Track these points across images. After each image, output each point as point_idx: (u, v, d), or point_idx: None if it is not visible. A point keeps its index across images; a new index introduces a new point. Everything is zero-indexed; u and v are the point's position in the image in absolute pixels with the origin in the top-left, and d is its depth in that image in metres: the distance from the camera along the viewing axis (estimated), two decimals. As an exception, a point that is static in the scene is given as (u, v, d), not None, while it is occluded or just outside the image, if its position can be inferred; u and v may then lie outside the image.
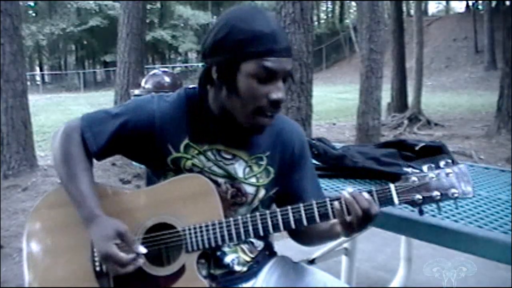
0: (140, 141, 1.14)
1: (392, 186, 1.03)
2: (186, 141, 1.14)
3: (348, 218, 1.01)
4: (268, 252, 1.27)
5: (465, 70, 19.63)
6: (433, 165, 1.04)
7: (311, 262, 2.20)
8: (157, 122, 1.13)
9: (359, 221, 1.01)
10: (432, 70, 19.55)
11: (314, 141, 1.78)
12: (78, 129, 1.15)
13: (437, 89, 16.76)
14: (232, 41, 1.03)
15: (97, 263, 1.11)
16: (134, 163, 1.50)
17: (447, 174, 1.03)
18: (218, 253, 1.15)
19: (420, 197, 1.02)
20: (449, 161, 1.05)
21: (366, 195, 1.01)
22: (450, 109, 12.07)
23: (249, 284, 1.20)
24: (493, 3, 19.41)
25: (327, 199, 1.05)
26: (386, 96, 9.09)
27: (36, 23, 27.80)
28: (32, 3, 29.47)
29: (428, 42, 19.98)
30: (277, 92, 1.04)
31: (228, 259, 1.16)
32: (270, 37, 1.02)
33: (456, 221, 1.22)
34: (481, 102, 12.33)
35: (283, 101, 1.06)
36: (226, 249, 1.16)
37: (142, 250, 1.05)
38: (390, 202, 1.03)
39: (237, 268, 1.17)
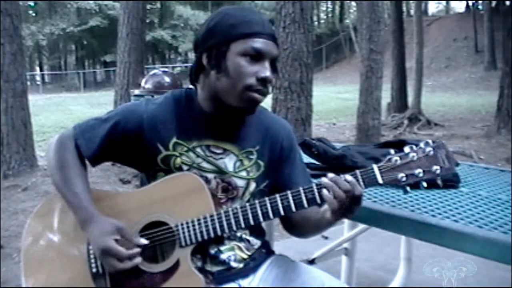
0: (130, 142, 1.17)
1: (375, 166, 1.07)
2: (174, 139, 1.17)
3: (333, 201, 1.03)
4: (265, 251, 1.28)
5: (465, 70, 19.63)
6: (414, 146, 1.07)
7: (311, 262, 2.20)
8: (146, 123, 1.16)
9: (345, 204, 1.03)
10: (432, 70, 19.55)
11: (314, 141, 1.78)
12: (71, 138, 1.18)
13: (437, 89, 16.76)
14: (223, 25, 1.11)
15: (93, 265, 1.12)
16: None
17: (428, 153, 1.06)
18: (214, 251, 1.16)
19: (404, 175, 1.05)
20: (429, 141, 1.07)
21: (348, 177, 1.04)
22: (450, 109, 12.07)
23: (247, 281, 1.21)
24: (493, 3, 19.41)
25: (314, 184, 1.07)
26: (386, 96, 9.08)
27: (36, 23, 27.81)
28: (32, 3, 29.46)
29: (428, 42, 19.98)
30: (265, 71, 1.10)
31: (224, 256, 1.17)
32: (258, 22, 1.12)
33: (456, 221, 1.22)
34: (481, 102, 12.33)
35: (271, 80, 1.11)
36: (222, 247, 1.17)
37: (143, 241, 1.08)
38: (374, 182, 1.06)
39: (234, 264, 1.18)
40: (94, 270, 1.12)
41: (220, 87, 1.12)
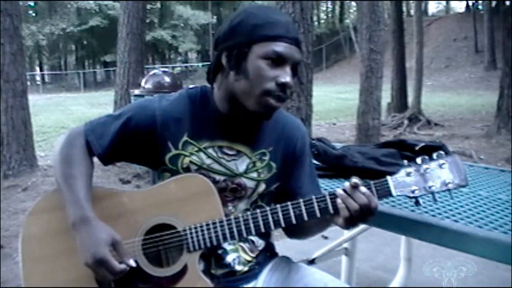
0: (142, 139, 1.14)
1: (389, 178, 1.05)
2: (185, 138, 1.14)
3: (347, 214, 1.02)
4: (269, 253, 1.27)
5: (465, 70, 19.63)
6: (427, 157, 1.06)
7: (311, 262, 2.20)
8: (158, 120, 1.14)
9: (358, 215, 1.02)
10: (432, 70, 19.55)
11: (314, 141, 1.78)
12: (82, 134, 1.15)
13: (437, 89, 16.76)
14: (246, 25, 1.08)
15: None
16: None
17: (440, 165, 1.05)
18: (220, 251, 1.15)
19: (417, 188, 1.05)
20: (442, 152, 1.07)
21: (363, 189, 1.02)
22: (450, 109, 12.07)
23: (251, 284, 1.20)
24: (493, 3, 19.41)
25: (327, 193, 1.05)
26: (386, 96, 9.09)
27: (36, 23, 27.80)
28: (32, 3, 29.46)
29: (428, 42, 19.98)
30: (285, 76, 1.07)
31: (229, 258, 1.16)
32: (283, 25, 1.08)
33: (456, 221, 1.22)
34: (481, 102, 12.33)
35: (290, 86, 1.08)
36: (227, 247, 1.16)
37: (132, 263, 1.04)
38: (388, 194, 1.05)
39: (238, 268, 1.17)
40: None
41: (238, 88, 1.09)
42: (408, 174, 1.05)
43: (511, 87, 7.25)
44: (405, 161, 1.07)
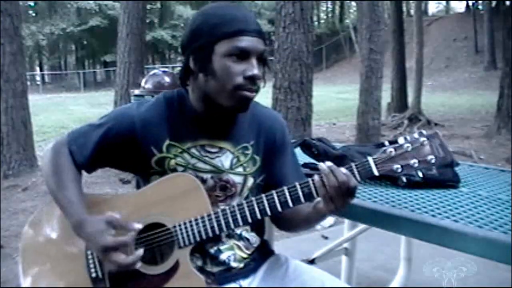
0: (124, 147, 1.16)
1: (370, 158, 1.06)
2: (167, 141, 1.16)
3: (327, 191, 1.02)
4: (265, 250, 1.28)
5: (465, 70, 19.63)
6: (408, 137, 1.07)
7: (311, 262, 2.20)
8: (138, 127, 1.16)
9: (338, 194, 1.02)
10: (432, 70, 19.54)
11: (314, 141, 1.78)
12: (65, 144, 1.18)
13: (437, 89, 16.76)
14: (206, 26, 1.09)
15: (92, 270, 1.12)
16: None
17: (422, 143, 1.05)
18: (213, 250, 1.16)
19: (399, 166, 1.05)
20: (423, 131, 1.07)
21: (343, 169, 1.03)
22: (450, 109, 12.07)
23: (247, 281, 1.21)
24: (493, 3, 19.42)
25: (310, 180, 1.06)
26: (386, 96, 9.08)
27: (36, 23, 27.83)
28: (32, 3, 29.49)
29: (428, 42, 19.97)
30: (252, 69, 1.08)
31: (224, 256, 1.17)
32: (242, 19, 1.09)
33: (456, 221, 1.22)
34: (481, 102, 12.32)
35: (258, 78, 1.10)
36: (221, 247, 1.17)
37: (138, 226, 1.07)
38: (370, 173, 1.05)
39: (234, 264, 1.18)
40: (93, 275, 1.12)
41: (209, 88, 1.10)
42: (390, 154, 1.05)
43: (511, 87, 7.25)
44: (386, 142, 1.08)
